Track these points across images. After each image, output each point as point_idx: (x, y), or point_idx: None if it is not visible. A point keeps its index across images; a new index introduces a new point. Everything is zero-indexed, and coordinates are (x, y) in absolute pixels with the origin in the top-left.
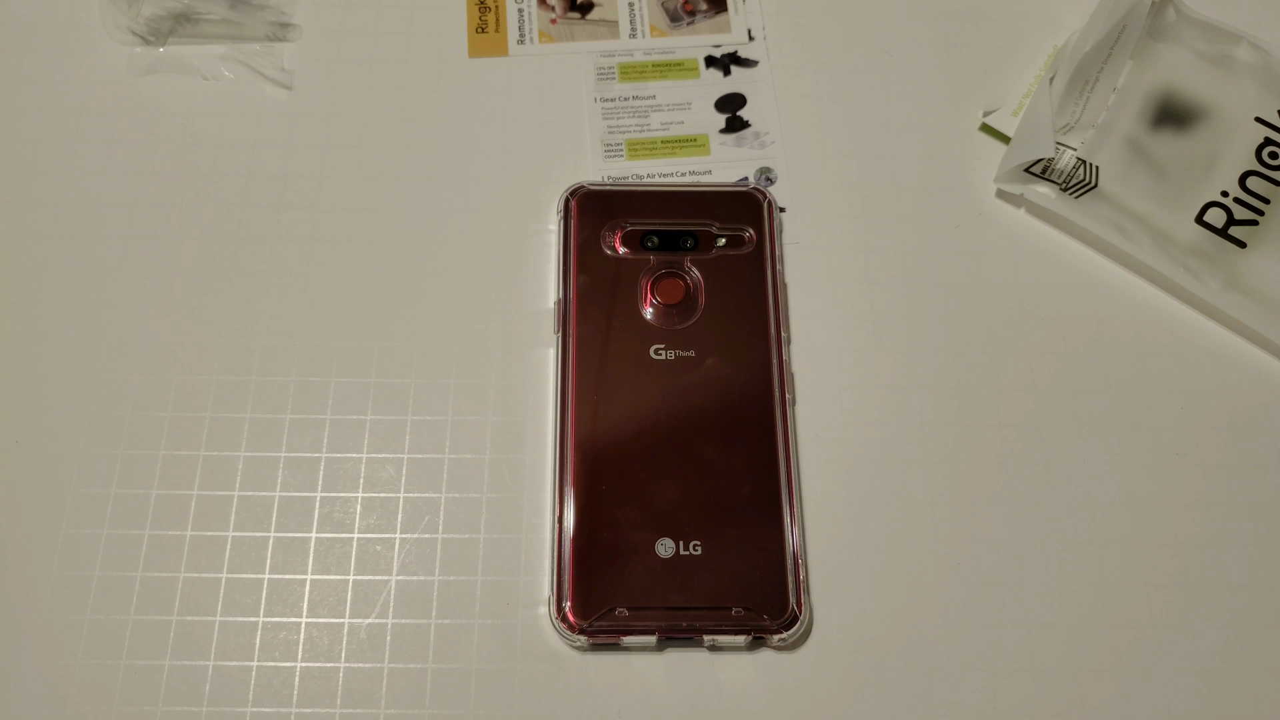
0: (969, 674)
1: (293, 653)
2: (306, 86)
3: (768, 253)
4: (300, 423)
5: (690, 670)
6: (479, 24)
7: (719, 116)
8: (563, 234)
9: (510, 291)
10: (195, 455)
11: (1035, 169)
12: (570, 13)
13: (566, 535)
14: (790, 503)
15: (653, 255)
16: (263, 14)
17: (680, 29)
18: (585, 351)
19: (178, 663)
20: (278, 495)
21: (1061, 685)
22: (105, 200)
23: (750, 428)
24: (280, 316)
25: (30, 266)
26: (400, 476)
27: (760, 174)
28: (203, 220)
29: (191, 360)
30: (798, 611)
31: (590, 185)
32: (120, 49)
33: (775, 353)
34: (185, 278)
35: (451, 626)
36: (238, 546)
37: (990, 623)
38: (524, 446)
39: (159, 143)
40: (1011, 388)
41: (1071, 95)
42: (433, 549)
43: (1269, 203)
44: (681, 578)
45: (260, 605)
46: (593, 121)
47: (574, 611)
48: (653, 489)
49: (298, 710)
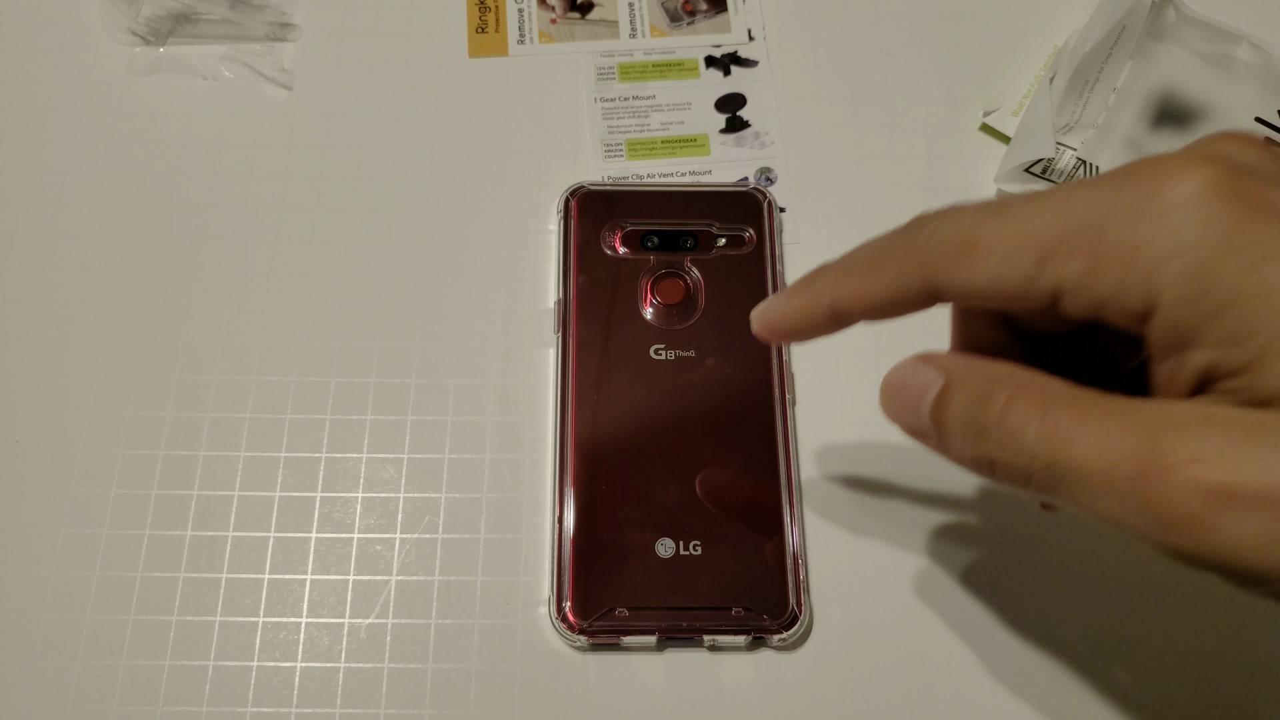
0: (969, 674)
1: (293, 653)
2: (306, 86)
3: (768, 253)
4: (300, 423)
5: (690, 670)
6: (479, 24)
7: (719, 116)
8: (563, 234)
9: (510, 291)
10: (195, 455)
11: (1035, 169)
12: (570, 13)
13: (566, 535)
14: (790, 503)
15: (653, 255)
16: (263, 14)
17: (680, 29)
18: (585, 351)
19: (178, 663)
20: (278, 495)
21: (1062, 685)
22: (105, 200)
23: (750, 428)
24: (280, 316)
25: (30, 266)
26: (400, 476)
27: (760, 174)
28: (203, 220)
29: (191, 360)
30: (798, 611)
31: (590, 185)
32: (120, 49)
33: (775, 353)
34: (185, 277)
35: (451, 626)
36: (238, 546)
37: (990, 622)
38: (524, 446)
39: (159, 143)
40: None
41: (1071, 95)
42: (433, 549)
43: None
44: (681, 578)
45: (260, 605)
46: (593, 121)
47: (574, 611)
48: (653, 489)
49: (298, 710)
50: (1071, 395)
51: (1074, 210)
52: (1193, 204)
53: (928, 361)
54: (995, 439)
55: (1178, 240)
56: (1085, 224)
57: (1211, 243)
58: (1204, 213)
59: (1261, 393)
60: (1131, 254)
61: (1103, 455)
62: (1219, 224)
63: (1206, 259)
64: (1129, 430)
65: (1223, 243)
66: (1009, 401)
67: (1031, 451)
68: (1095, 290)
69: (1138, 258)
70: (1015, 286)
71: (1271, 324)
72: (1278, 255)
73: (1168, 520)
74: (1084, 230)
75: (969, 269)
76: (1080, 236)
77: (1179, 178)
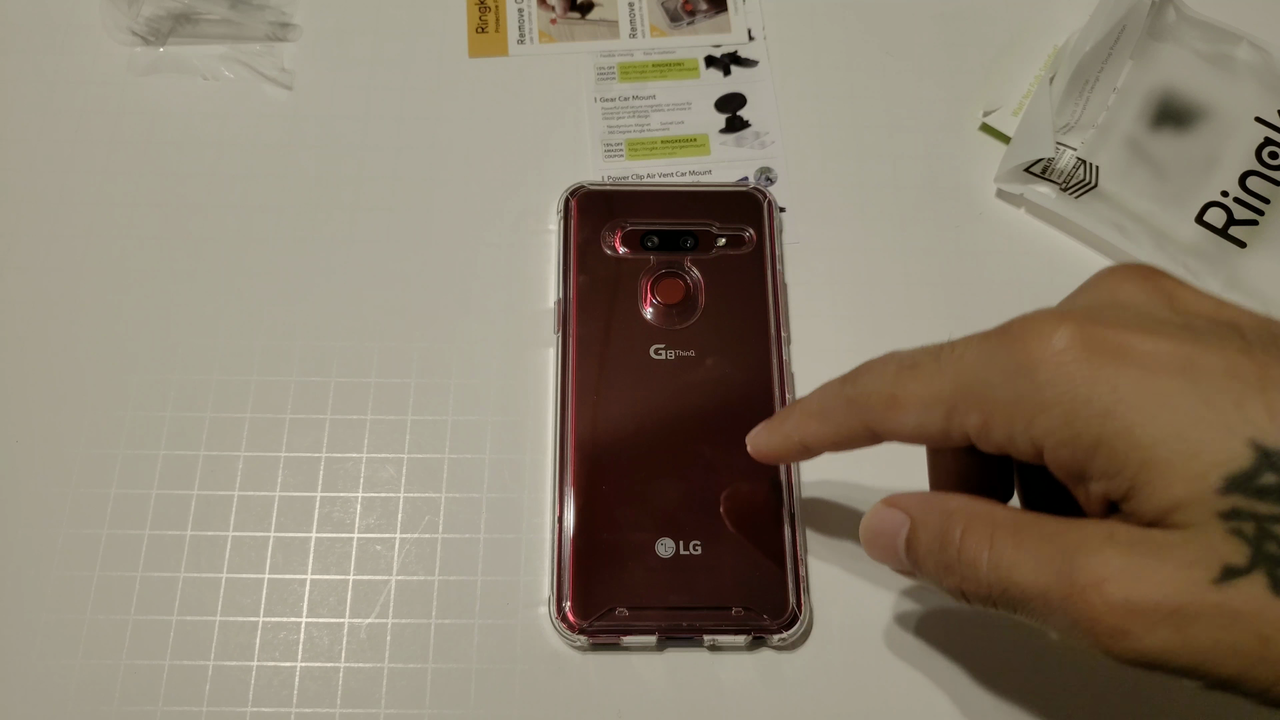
0: (969, 674)
1: (293, 653)
2: (306, 86)
3: (768, 253)
4: (300, 423)
5: (690, 670)
6: (479, 24)
7: (719, 116)
8: (563, 234)
9: (510, 291)
10: (195, 455)
11: (1035, 169)
12: (570, 13)
13: (566, 535)
14: (790, 503)
15: (653, 255)
16: (263, 14)
17: (680, 29)
18: (585, 351)
19: (178, 663)
20: (278, 495)
21: (1062, 685)
22: (105, 200)
23: (750, 428)
24: (280, 316)
25: (30, 266)
26: (400, 476)
27: (760, 174)
28: (202, 220)
29: (191, 360)
30: (798, 611)
31: (590, 185)
32: (120, 49)
33: (775, 353)
34: (185, 277)
35: (451, 626)
36: (238, 546)
37: (991, 623)
38: (524, 446)
39: (159, 143)
40: None
41: (1071, 95)
42: (433, 549)
43: (1269, 203)
44: (681, 578)
45: (260, 605)
46: (593, 121)
47: (574, 611)
48: (653, 489)
49: (298, 710)
50: (1013, 522)
51: (965, 370)
52: (1055, 361)
53: (893, 504)
54: (959, 573)
55: (1045, 395)
56: (974, 382)
57: (1070, 396)
58: (1064, 369)
59: (1146, 515)
60: (1011, 409)
61: (1038, 579)
62: (1075, 377)
63: (1069, 410)
64: (1054, 555)
65: (1080, 393)
66: (963, 535)
67: (987, 581)
68: (993, 438)
69: (1016, 412)
70: (935, 433)
71: (1132, 460)
72: (1127, 397)
73: (1099, 633)
74: (974, 388)
75: (896, 420)
76: (972, 394)
77: (1043, 337)
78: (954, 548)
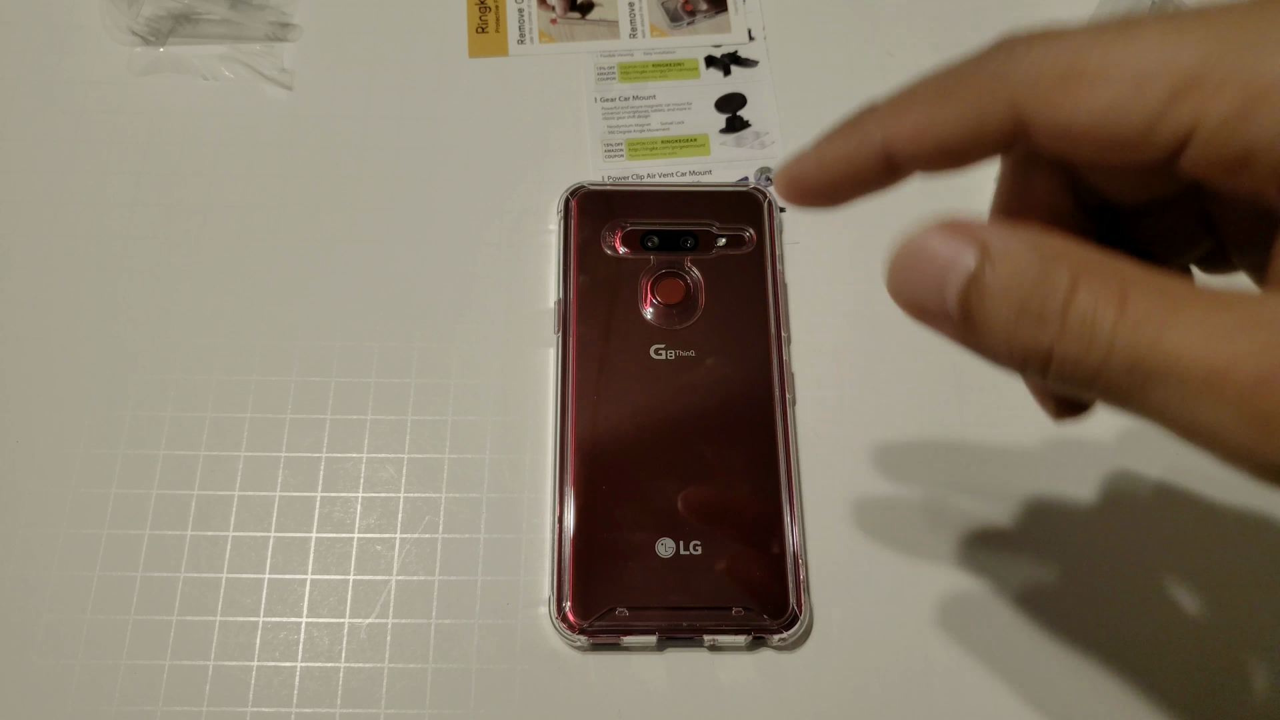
0: (969, 674)
1: (293, 653)
2: (306, 86)
3: (768, 253)
4: (300, 423)
5: (690, 670)
6: (479, 24)
7: (719, 116)
8: (563, 234)
9: (510, 291)
10: (195, 455)
11: None
12: (570, 13)
13: (566, 535)
14: (790, 503)
15: (653, 255)
16: (263, 14)
17: (680, 29)
18: (585, 351)
19: (178, 663)
20: (278, 495)
21: (1062, 685)
22: (105, 200)
23: (750, 428)
24: (280, 316)
25: (30, 266)
26: (400, 476)
27: (760, 174)
28: (202, 220)
29: (191, 360)
30: (798, 611)
31: (590, 185)
32: (120, 49)
33: (775, 353)
34: (185, 277)
35: (451, 626)
36: (238, 546)
37: (991, 623)
38: (524, 446)
39: (159, 143)
40: (1012, 386)
41: None
42: (433, 549)
43: None
44: (681, 578)
45: (260, 605)
46: (593, 121)
47: (574, 611)
48: (653, 489)
49: (298, 710)
50: (1158, 282)
51: (1224, 35)
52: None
53: (958, 230)
54: (1055, 328)
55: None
56: (1241, 49)
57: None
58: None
59: None
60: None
61: (1210, 354)
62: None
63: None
64: (1251, 328)
65: None
66: (1076, 283)
67: (1108, 344)
68: (1244, 136)
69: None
70: (1134, 126)
71: None
72: None
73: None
74: (1238, 59)
75: (1075, 100)
76: (1232, 67)
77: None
78: (1058, 295)
